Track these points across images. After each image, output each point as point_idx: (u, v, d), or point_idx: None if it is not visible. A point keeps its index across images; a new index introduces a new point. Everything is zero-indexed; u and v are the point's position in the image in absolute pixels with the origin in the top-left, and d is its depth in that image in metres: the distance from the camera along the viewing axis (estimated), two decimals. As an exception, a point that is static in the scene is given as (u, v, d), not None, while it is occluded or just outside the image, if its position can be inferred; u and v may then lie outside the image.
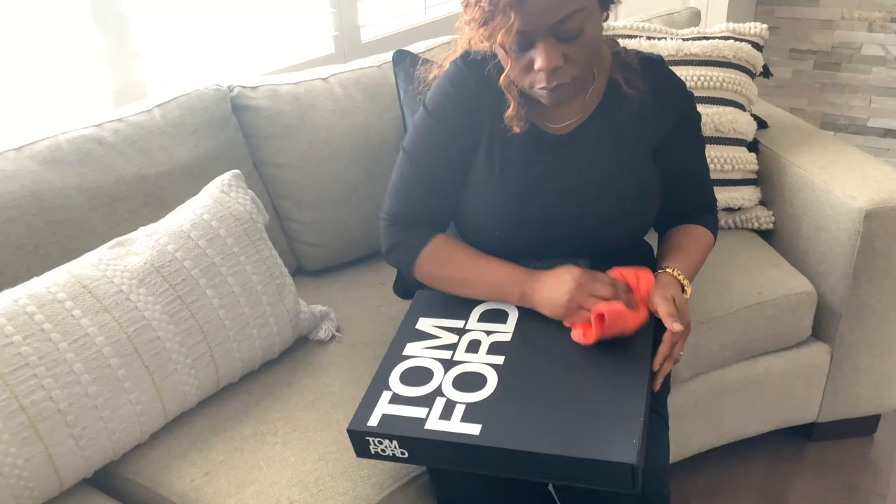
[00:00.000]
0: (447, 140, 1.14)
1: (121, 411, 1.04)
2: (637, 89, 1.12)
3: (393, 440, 0.96)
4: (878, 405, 1.69)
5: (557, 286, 1.05)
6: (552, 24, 0.95)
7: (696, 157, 1.23)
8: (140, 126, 1.38)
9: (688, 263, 1.14)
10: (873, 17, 2.65)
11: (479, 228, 1.16)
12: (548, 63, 0.97)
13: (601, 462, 0.88)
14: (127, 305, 1.06)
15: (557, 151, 1.13)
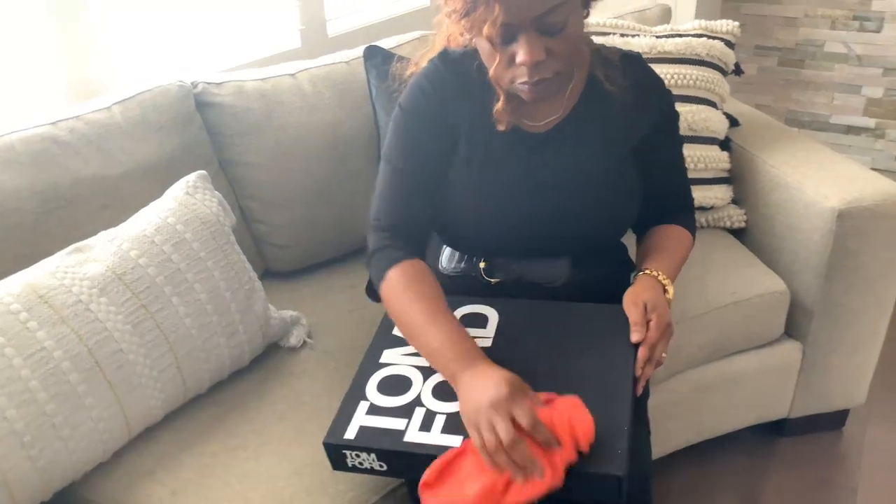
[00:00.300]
0: (426, 138, 1.10)
1: (81, 429, 0.98)
2: (618, 86, 1.10)
3: (371, 453, 0.92)
4: (848, 400, 1.71)
5: (476, 393, 0.88)
6: (537, 15, 0.92)
7: (675, 156, 1.21)
8: (98, 124, 1.32)
9: (669, 263, 1.12)
10: (836, 14, 2.68)
11: (459, 227, 1.13)
12: (531, 57, 0.95)
13: (589, 474, 0.85)
14: (87, 316, 1.01)
15: (537, 150, 1.10)
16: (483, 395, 0.87)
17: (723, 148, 1.69)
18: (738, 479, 1.68)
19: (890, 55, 2.65)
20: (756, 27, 2.83)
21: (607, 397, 0.94)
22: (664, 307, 1.04)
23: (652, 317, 1.01)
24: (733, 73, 1.73)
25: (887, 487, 1.64)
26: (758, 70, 2.90)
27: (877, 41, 2.65)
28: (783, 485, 1.66)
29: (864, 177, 1.49)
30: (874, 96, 2.74)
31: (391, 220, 1.10)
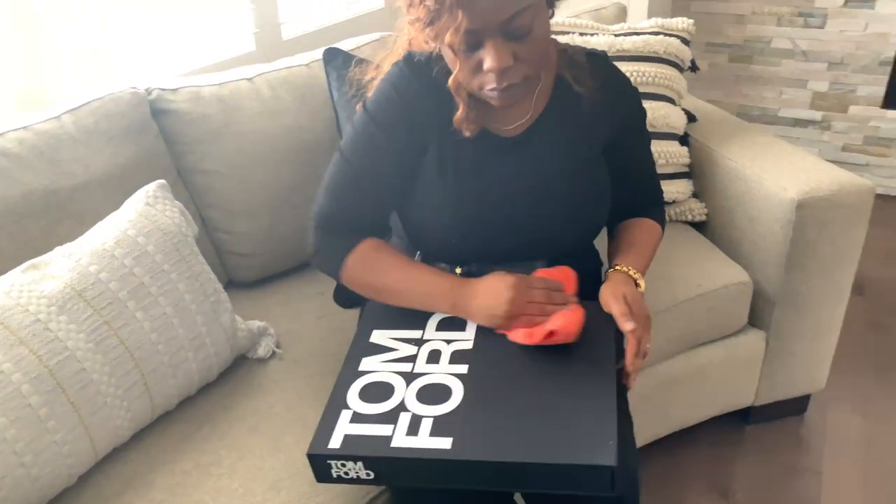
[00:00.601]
0: (387, 147, 1.08)
1: (44, 455, 0.94)
2: (586, 87, 1.10)
3: (358, 461, 0.90)
4: (809, 386, 1.75)
5: (494, 296, 1.02)
6: (502, 21, 0.91)
7: (644, 153, 1.23)
8: (49, 135, 1.26)
9: (639, 258, 1.13)
10: (782, 11, 2.75)
11: (434, 235, 1.12)
12: (498, 63, 0.94)
13: (581, 466, 0.85)
14: (46, 336, 0.96)
15: (509, 153, 1.09)
16: (502, 294, 1.02)
17: (682, 143, 1.71)
18: (708, 468, 1.71)
19: (834, 50, 2.73)
20: (706, 24, 2.88)
21: (592, 391, 0.94)
22: (640, 300, 1.05)
23: (633, 309, 1.02)
24: (689, 70, 1.76)
25: (849, 468, 1.69)
26: (709, 66, 2.96)
27: (821, 37, 2.73)
28: (751, 471, 1.69)
29: (821, 168, 1.53)
30: (820, 90, 2.81)
31: (338, 215, 1.10)
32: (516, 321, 1.01)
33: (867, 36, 2.65)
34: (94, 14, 1.54)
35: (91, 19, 1.54)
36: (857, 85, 2.74)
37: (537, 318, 1.00)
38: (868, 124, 2.78)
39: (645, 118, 1.21)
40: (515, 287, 1.01)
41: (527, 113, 1.10)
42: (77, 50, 1.53)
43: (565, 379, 0.96)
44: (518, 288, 1.01)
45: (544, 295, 1.02)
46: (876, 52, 2.66)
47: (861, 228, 1.52)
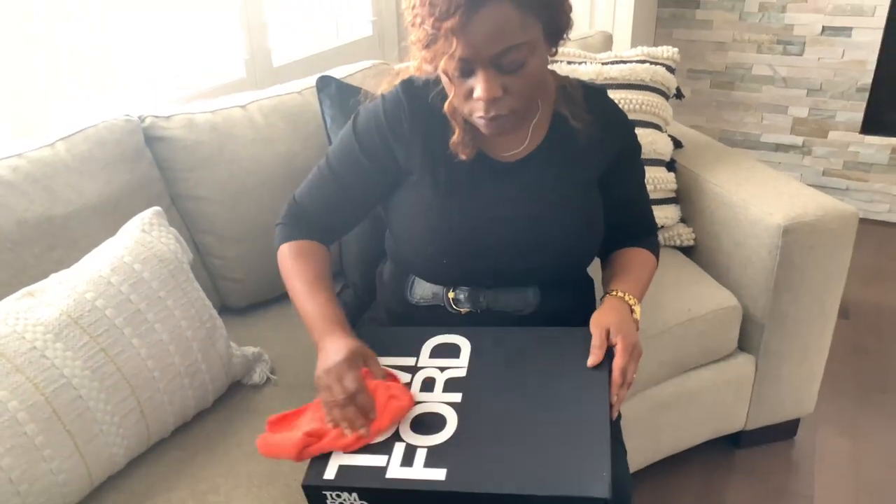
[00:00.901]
0: (365, 164, 1.13)
1: (40, 483, 0.93)
2: (583, 122, 1.12)
3: (353, 492, 0.90)
4: (799, 409, 1.77)
5: (324, 358, 0.99)
6: (494, 54, 0.94)
7: (637, 184, 1.24)
8: (43, 162, 1.26)
9: (635, 284, 1.14)
10: (761, 39, 2.82)
11: (426, 255, 1.13)
12: (487, 93, 0.96)
13: (575, 499, 0.85)
14: (42, 363, 0.96)
15: (504, 179, 1.11)
16: (327, 361, 0.99)
17: (669, 169, 1.74)
18: (699, 493, 1.71)
19: (812, 77, 2.79)
20: (688, 52, 2.94)
21: (585, 420, 0.94)
22: (630, 328, 1.05)
23: (616, 340, 1.02)
24: (675, 97, 1.80)
25: (839, 491, 1.70)
26: (691, 92, 3.01)
27: (800, 64, 2.80)
28: (742, 495, 1.70)
29: (805, 193, 1.56)
30: (800, 115, 2.88)
31: (306, 208, 1.19)
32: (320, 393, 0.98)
33: (844, 63, 2.72)
34: (85, 39, 1.55)
35: (82, 44, 1.55)
36: (835, 111, 2.81)
37: (324, 407, 0.97)
38: (847, 149, 2.84)
39: (640, 152, 1.23)
40: (330, 368, 0.97)
41: (524, 141, 1.12)
42: (69, 76, 1.53)
43: (559, 409, 0.97)
44: (330, 371, 0.96)
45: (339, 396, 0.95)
46: (853, 78, 2.73)
47: (846, 252, 1.55)
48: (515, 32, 0.93)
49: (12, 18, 1.40)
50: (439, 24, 0.92)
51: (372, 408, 0.96)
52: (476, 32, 0.92)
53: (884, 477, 1.73)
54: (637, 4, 2.49)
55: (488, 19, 0.91)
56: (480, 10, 0.90)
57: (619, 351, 1.01)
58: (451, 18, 0.90)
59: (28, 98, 1.47)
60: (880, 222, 2.87)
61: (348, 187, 1.15)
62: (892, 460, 1.77)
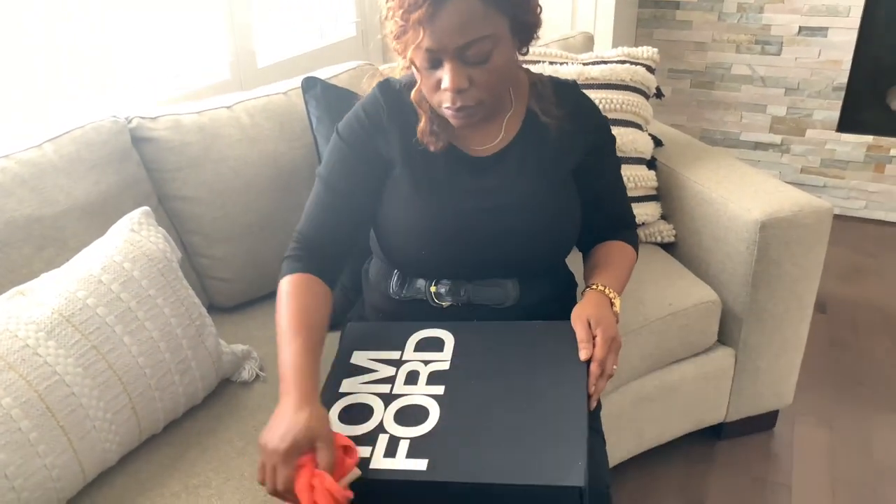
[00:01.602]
0: (357, 165, 1.14)
1: (34, 478, 0.94)
2: (553, 117, 1.15)
3: None
4: (777, 401, 1.81)
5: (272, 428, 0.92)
6: (458, 46, 0.98)
7: (612, 177, 1.27)
8: (31, 163, 1.27)
9: (615, 277, 1.17)
10: (740, 39, 2.87)
11: (407, 248, 1.16)
12: (453, 84, 1.00)
13: (551, 487, 0.88)
14: (35, 361, 0.97)
15: (480, 172, 1.14)
16: (274, 435, 0.90)
17: (650, 167, 1.78)
18: (682, 483, 1.75)
19: (790, 76, 2.85)
20: (668, 52, 2.98)
21: (563, 411, 0.97)
22: (609, 321, 1.08)
23: (597, 332, 1.05)
24: (655, 97, 1.83)
25: (817, 480, 1.74)
26: (672, 92, 3.06)
27: (777, 63, 2.85)
28: (723, 485, 1.74)
29: (782, 190, 1.60)
30: (778, 114, 2.93)
31: (310, 234, 1.15)
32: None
33: (821, 63, 2.77)
34: (69, 42, 1.55)
35: (66, 47, 1.55)
36: (812, 109, 2.86)
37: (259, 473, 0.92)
38: (825, 147, 2.89)
39: (614, 144, 1.26)
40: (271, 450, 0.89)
41: (498, 136, 1.15)
42: (53, 80, 1.54)
43: (537, 400, 0.99)
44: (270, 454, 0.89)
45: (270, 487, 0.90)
46: (829, 78, 2.78)
47: (821, 247, 1.59)
48: (480, 25, 0.97)
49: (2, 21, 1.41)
50: (408, 15, 0.96)
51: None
52: (442, 24, 0.96)
53: (858, 466, 1.77)
54: (618, 6, 2.52)
55: (454, 11, 0.95)
56: (446, 3, 0.95)
57: (598, 343, 1.03)
58: (418, 10, 0.95)
59: (14, 100, 1.47)
60: (857, 218, 2.93)
61: (344, 195, 1.14)
62: (866, 450, 1.82)
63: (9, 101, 1.46)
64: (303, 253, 1.13)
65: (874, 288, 2.48)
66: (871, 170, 2.85)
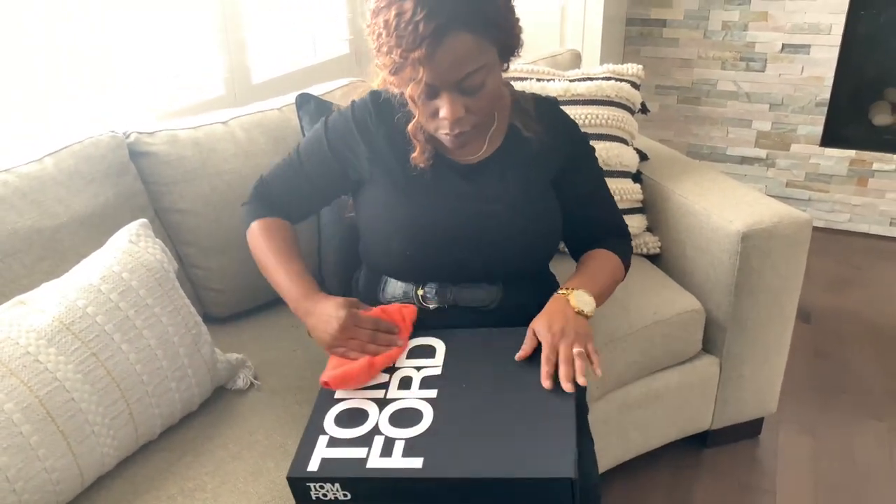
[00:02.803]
0: (329, 159, 1.25)
1: (34, 481, 0.97)
2: (534, 132, 1.22)
3: (335, 483, 0.95)
4: (762, 409, 1.85)
5: (324, 321, 1.13)
6: (456, 80, 1.03)
7: (592, 186, 1.31)
8: (31, 177, 1.31)
9: (584, 279, 1.20)
10: (725, 56, 2.93)
11: (392, 250, 1.21)
12: (452, 114, 1.06)
13: (543, 480, 0.91)
14: (36, 367, 1.00)
15: (464, 179, 1.21)
16: (332, 323, 1.11)
17: (635, 180, 1.82)
18: (668, 490, 1.78)
19: (774, 92, 2.91)
20: (655, 68, 3.05)
21: (552, 409, 1.01)
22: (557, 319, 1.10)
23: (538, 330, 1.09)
24: (640, 112, 1.88)
25: (800, 487, 1.77)
26: (659, 107, 3.12)
27: (762, 80, 2.91)
28: (709, 493, 1.77)
29: (763, 202, 1.65)
30: (763, 129, 2.99)
31: (272, 190, 1.31)
32: (336, 350, 1.12)
33: (804, 79, 2.84)
34: (63, 56, 1.59)
35: (59, 61, 1.59)
36: (797, 125, 2.92)
37: (352, 353, 1.11)
38: (809, 161, 2.95)
39: (592, 155, 1.32)
40: (343, 320, 1.11)
41: (482, 147, 1.21)
42: (47, 93, 1.57)
43: (527, 400, 1.03)
44: (345, 322, 1.11)
45: (368, 335, 1.12)
46: (812, 93, 2.85)
47: (801, 257, 1.64)
48: (475, 57, 1.02)
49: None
50: (406, 54, 1.01)
51: (395, 326, 1.15)
52: (440, 61, 1.01)
53: (841, 472, 1.81)
54: (605, 23, 2.58)
55: (451, 49, 1.00)
56: (443, 41, 0.99)
57: (543, 343, 1.07)
58: (417, 50, 0.99)
59: (16, 114, 1.51)
60: (841, 231, 2.99)
61: (312, 178, 1.27)
62: (849, 457, 1.86)
63: (5, 120, 1.49)
64: (266, 203, 1.30)
65: (858, 299, 2.53)
66: (855, 183, 2.91)
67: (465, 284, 1.22)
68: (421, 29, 0.97)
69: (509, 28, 1.07)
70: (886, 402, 2.04)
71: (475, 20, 1.00)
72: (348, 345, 1.11)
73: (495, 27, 1.04)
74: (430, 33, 0.98)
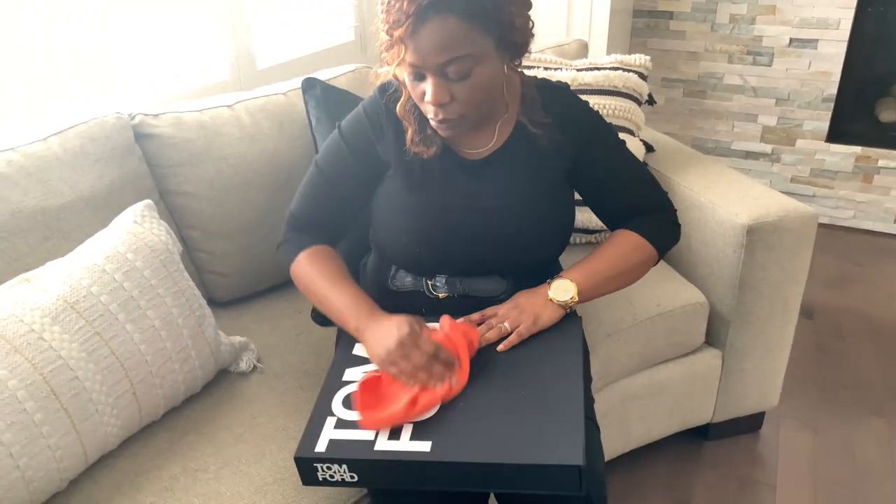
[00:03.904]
0: (352, 161, 1.20)
1: (38, 458, 0.97)
2: (541, 128, 1.18)
3: (343, 464, 0.95)
4: (763, 403, 1.85)
5: (382, 338, 1.06)
6: (439, 63, 1.02)
7: (617, 161, 1.26)
8: (36, 156, 1.30)
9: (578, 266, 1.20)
10: (732, 49, 2.92)
11: (401, 245, 1.20)
12: (434, 98, 1.05)
13: (550, 466, 0.91)
14: (40, 345, 1.00)
15: (472, 174, 1.18)
16: (390, 338, 1.05)
17: (641, 172, 1.81)
18: (668, 483, 1.78)
19: (781, 87, 2.90)
20: (662, 61, 3.03)
21: (560, 396, 1.01)
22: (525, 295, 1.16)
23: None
24: (647, 103, 1.87)
25: (800, 481, 1.77)
26: (665, 100, 3.10)
27: (769, 74, 2.90)
28: (710, 485, 1.77)
29: (769, 195, 1.64)
30: (769, 124, 2.98)
31: (304, 216, 1.24)
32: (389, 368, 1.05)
33: (811, 74, 2.82)
34: (69, 41, 1.58)
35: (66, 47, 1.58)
36: (803, 120, 2.91)
37: (402, 377, 1.03)
38: (814, 157, 2.94)
39: (607, 134, 1.25)
40: (402, 336, 1.04)
41: (490, 140, 1.19)
42: (55, 79, 1.57)
43: (535, 386, 1.03)
44: (404, 338, 1.04)
45: (423, 359, 1.03)
46: (819, 89, 2.83)
47: (806, 252, 1.63)
48: (461, 44, 1.00)
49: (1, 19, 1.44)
50: (392, 31, 1.01)
51: (454, 358, 1.06)
52: (422, 42, 1.00)
53: (841, 468, 1.81)
54: (612, 15, 2.57)
55: (434, 31, 0.99)
56: (427, 22, 0.98)
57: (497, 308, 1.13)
58: (401, 27, 0.99)
59: (14, 100, 1.50)
60: (844, 228, 2.98)
61: (339, 187, 1.22)
62: (849, 452, 1.86)
63: (8, 102, 1.49)
64: (303, 232, 1.23)
65: (860, 296, 2.53)
66: (860, 180, 2.90)
67: (474, 276, 1.22)
68: (405, 6, 0.97)
69: (507, 20, 1.03)
70: (887, 398, 2.04)
71: (466, 5, 0.98)
72: (400, 365, 1.03)
73: (489, 17, 1.01)
74: (413, 11, 0.97)
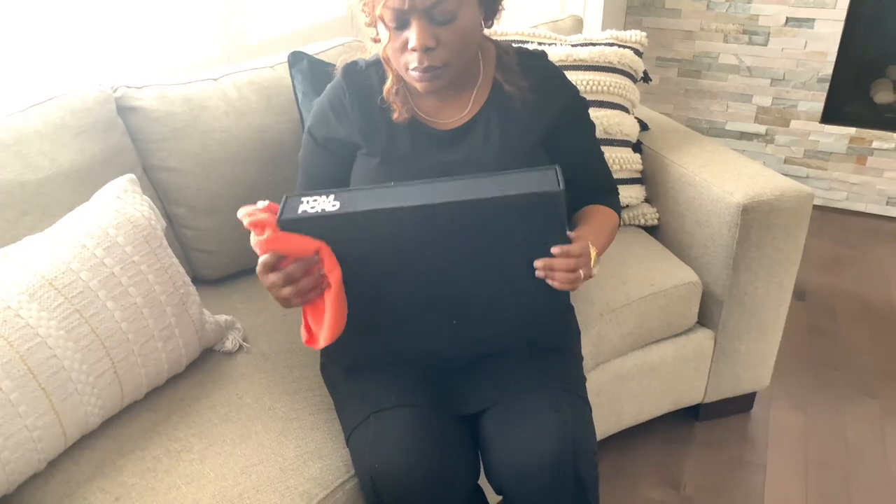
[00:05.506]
0: (320, 154, 1.23)
1: (15, 439, 0.94)
2: (517, 86, 1.17)
3: (330, 195, 0.94)
4: (755, 383, 1.84)
5: None
6: (426, 5, 1.00)
7: (587, 141, 1.29)
8: (14, 128, 1.26)
9: (594, 233, 1.17)
10: (728, 28, 2.88)
11: None
12: (419, 42, 1.02)
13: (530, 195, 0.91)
14: (17, 322, 0.97)
15: (446, 146, 1.17)
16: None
17: (635, 150, 1.79)
18: (659, 462, 1.77)
19: (776, 67, 2.87)
20: (657, 40, 3.00)
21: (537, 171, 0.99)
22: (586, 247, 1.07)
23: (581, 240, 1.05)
24: (642, 80, 1.84)
25: (791, 461, 1.77)
26: (659, 80, 3.07)
27: (764, 54, 2.87)
28: (701, 465, 1.77)
29: (764, 174, 1.62)
30: (763, 105, 2.95)
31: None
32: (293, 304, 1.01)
33: (807, 54, 2.79)
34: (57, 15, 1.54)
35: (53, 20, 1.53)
36: (797, 101, 2.88)
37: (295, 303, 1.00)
38: (808, 138, 2.92)
39: (585, 109, 1.28)
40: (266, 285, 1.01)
41: (464, 109, 1.17)
42: (39, 52, 1.52)
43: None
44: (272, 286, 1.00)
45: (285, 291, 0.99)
46: (815, 69, 2.81)
47: (801, 232, 1.62)
48: None
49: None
50: None
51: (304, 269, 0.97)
52: None
53: (832, 448, 1.81)
54: (607, -9, 2.53)
55: None
56: None
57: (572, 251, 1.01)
58: None
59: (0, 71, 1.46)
60: (838, 210, 2.97)
61: (317, 178, 1.24)
62: (840, 433, 1.85)
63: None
64: None
65: (853, 278, 2.52)
66: (853, 162, 2.88)
67: None
68: None
69: None
70: (878, 380, 2.03)
71: None
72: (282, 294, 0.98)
73: None
74: None
